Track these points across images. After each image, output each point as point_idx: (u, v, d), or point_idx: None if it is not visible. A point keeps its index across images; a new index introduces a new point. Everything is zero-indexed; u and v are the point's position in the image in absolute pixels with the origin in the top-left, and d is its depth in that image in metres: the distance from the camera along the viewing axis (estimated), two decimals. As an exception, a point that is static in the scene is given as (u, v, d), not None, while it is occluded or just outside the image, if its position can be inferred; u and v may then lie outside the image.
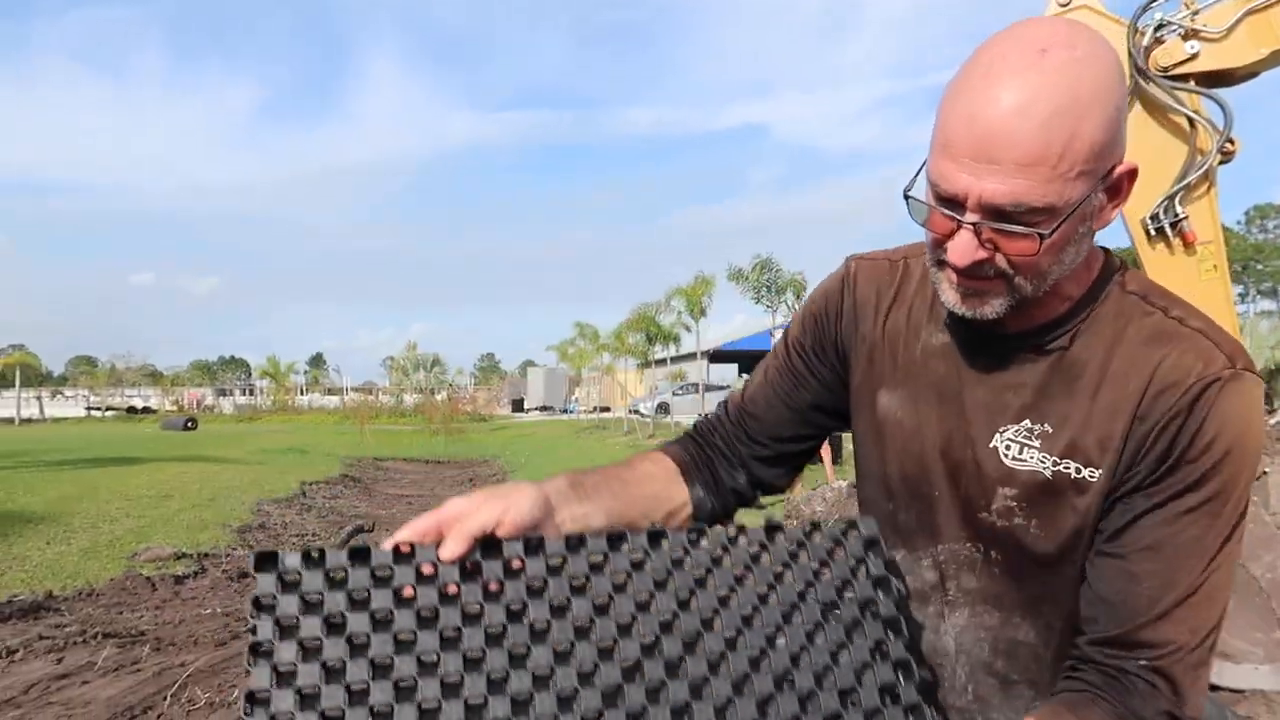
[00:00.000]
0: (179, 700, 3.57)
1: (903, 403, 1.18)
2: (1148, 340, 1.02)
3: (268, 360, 54.39)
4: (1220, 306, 3.56)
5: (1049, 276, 0.99)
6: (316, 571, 0.92)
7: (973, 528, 1.12)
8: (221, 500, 10.12)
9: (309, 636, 0.88)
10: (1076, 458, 1.03)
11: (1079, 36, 0.91)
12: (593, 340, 30.35)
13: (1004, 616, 1.13)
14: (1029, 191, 0.90)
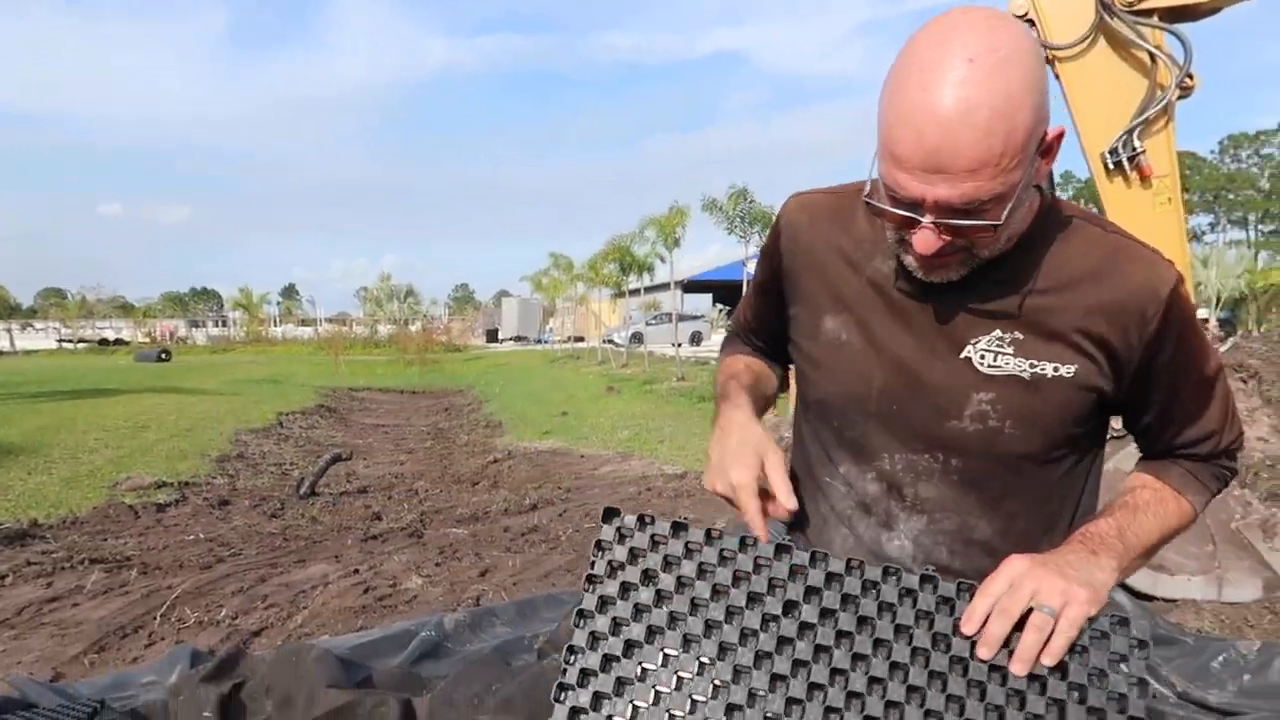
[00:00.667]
0: (168, 620, 3.70)
1: (848, 326, 1.28)
2: (1105, 257, 1.18)
3: (240, 291, 53.82)
4: (1172, 238, 3.69)
5: (1003, 239, 1.12)
6: (645, 532, 1.20)
7: (936, 438, 1.24)
8: (199, 430, 10.17)
9: (629, 580, 1.17)
10: (1050, 358, 1.18)
11: (999, 36, 1.00)
12: (567, 270, 30.22)
13: (961, 520, 1.26)
14: (979, 190, 1.02)
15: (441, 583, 4.24)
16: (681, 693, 1.09)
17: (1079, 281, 1.17)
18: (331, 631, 3.51)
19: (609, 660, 1.12)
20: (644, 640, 1.12)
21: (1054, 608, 1.03)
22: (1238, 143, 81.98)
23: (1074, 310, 1.17)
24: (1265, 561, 3.59)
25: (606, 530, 1.20)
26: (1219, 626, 3.35)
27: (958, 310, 1.20)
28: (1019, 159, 1.01)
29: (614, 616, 1.14)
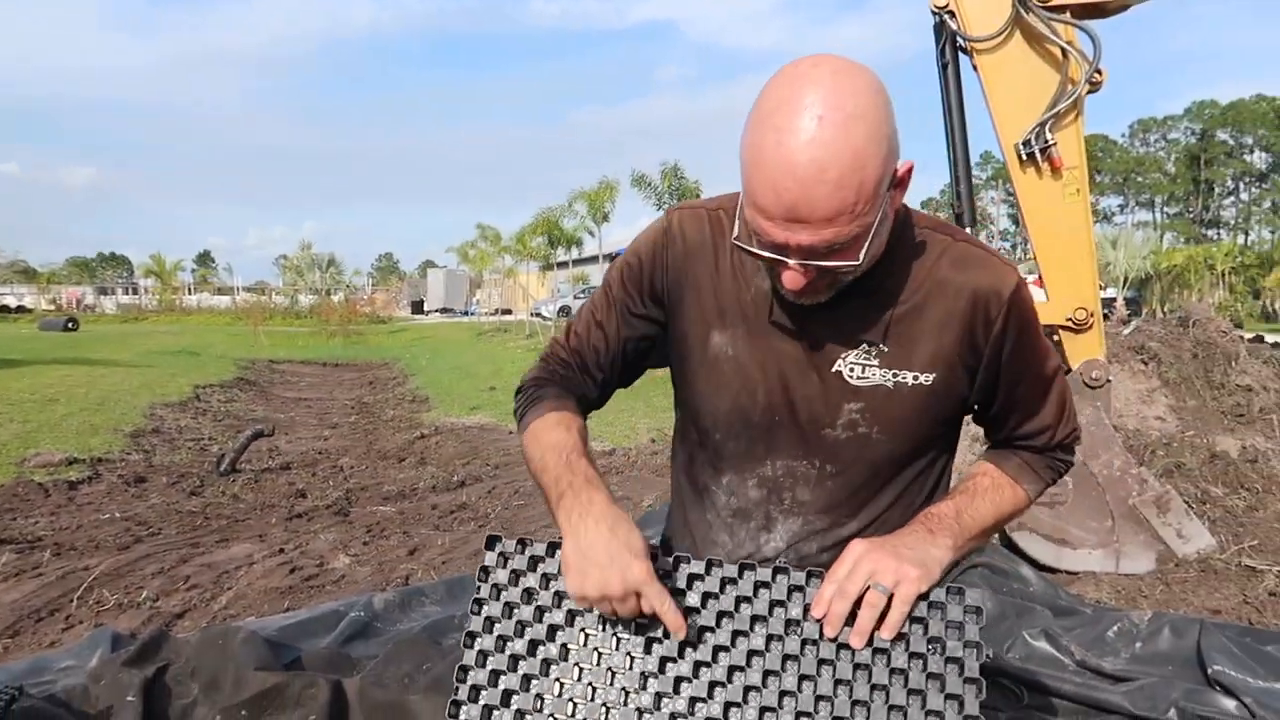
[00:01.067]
0: (86, 602, 3.62)
1: (735, 341, 1.35)
2: (952, 266, 1.29)
3: (152, 258, 51.96)
4: (1080, 226, 3.86)
5: (865, 265, 1.20)
6: (525, 554, 1.29)
7: (813, 445, 1.33)
8: (111, 404, 9.85)
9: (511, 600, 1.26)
10: (912, 368, 1.28)
11: (845, 93, 1.06)
12: (494, 243, 29.95)
13: (833, 519, 1.37)
14: (837, 235, 1.10)
15: (369, 562, 4.23)
16: (562, 698, 1.19)
17: (932, 291, 1.28)
18: (258, 613, 3.48)
19: (496, 675, 1.21)
20: (526, 653, 1.22)
21: (888, 586, 1.13)
22: (1146, 127, 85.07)
23: (929, 320, 1.28)
24: (1159, 536, 3.81)
25: (489, 556, 1.29)
26: (1116, 597, 3.55)
27: (830, 327, 1.30)
28: (871, 204, 1.10)
29: (500, 635, 1.24)
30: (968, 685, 1.12)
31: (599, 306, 1.46)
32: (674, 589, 1.21)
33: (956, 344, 1.28)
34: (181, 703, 2.53)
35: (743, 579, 1.22)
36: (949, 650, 1.14)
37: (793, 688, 1.15)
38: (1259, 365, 6.28)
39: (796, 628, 1.18)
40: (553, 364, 1.48)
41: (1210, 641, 2.66)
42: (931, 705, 1.11)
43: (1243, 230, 79.90)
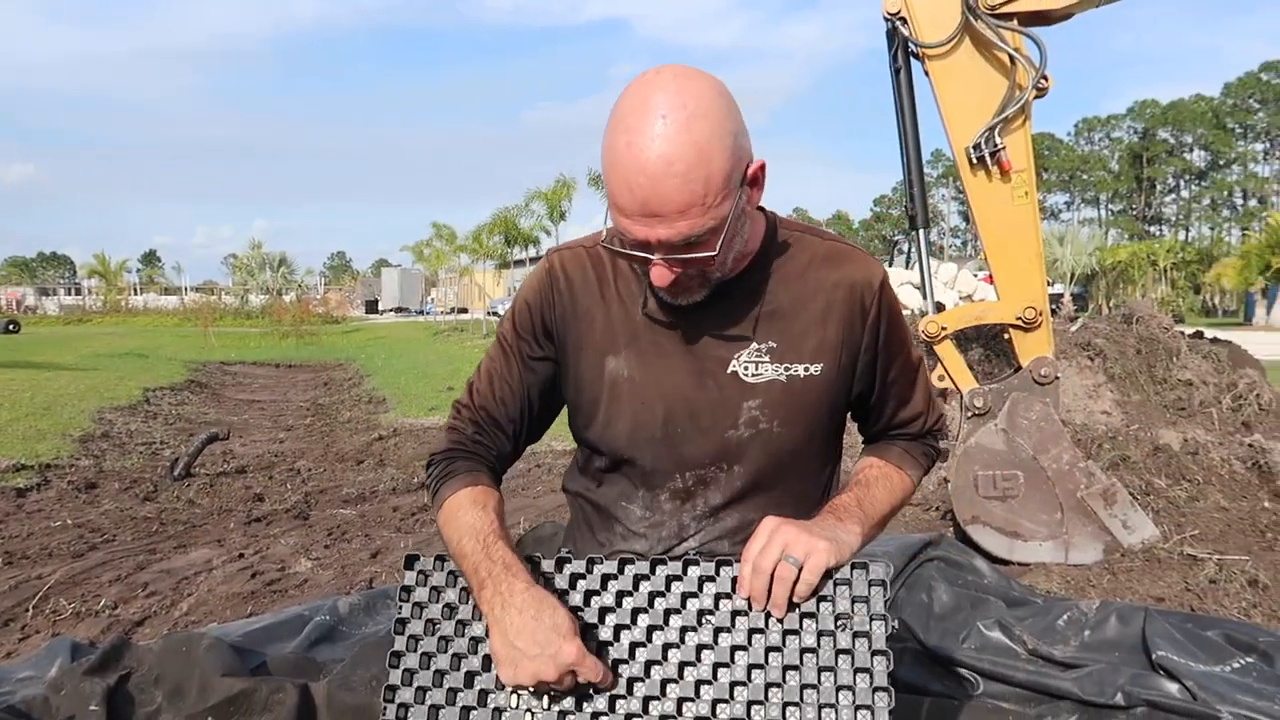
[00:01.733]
0: (42, 611, 3.57)
1: (630, 363, 1.39)
2: (824, 263, 1.39)
3: (96, 257, 50.79)
4: (1028, 227, 3.98)
5: (731, 260, 1.29)
6: (443, 570, 1.31)
7: (719, 448, 1.39)
8: (58, 409, 9.64)
9: (433, 616, 1.28)
10: (801, 360, 1.37)
11: (688, 94, 1.15)
12: (450, 241, 29.75)
13: (741, 516, 1.42)
14: (691, 227, 1.18)
15: (332, 566, 4.22)
16: (487, 708, 1.21)
17: (810, 287, 1.38)
18: (220, 619, 3.46)
19: (423, 692, 1.24)
20: (450, 667, 1.24)
21: (799, 558, 1.18)
22: (1091, 126, 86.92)
23: (811, 313, 1.37)
24: (1106, 527, 3.94)
25: (409, 575, 1.31)
26: (1065, 587, 3.67)
27: (720, 331, 1.36)
28: (721, 195, 1.17)
29: (424, 652, 1.26)
30: (876, 657, 1.16)
31: (497, 360, 1.47)
32: (588, 590, 1.26)
33: (838, 334, 1.37)
34: (145, 710, 2.51)
35: (655, 574, 1.26)
36: (856, 625, 1.18)
37: (708, 676, 1.19)
38: (1199, 360, 6.49)
39: (709, 617, 1.22)
40: (461, 431, 1.46)
41: (1154, 628, 2.77)
42: (842, 681, 1.16)
43: (1183, 227, 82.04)
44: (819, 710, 1.15)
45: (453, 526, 1.31)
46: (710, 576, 1.24)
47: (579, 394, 1.44)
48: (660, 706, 1.18)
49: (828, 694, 1.15)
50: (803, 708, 1.15)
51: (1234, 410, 6.04)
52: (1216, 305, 43.46)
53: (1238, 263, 34.68)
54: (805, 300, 1.37)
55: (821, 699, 1.15)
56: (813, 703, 1.15)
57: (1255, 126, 77.99)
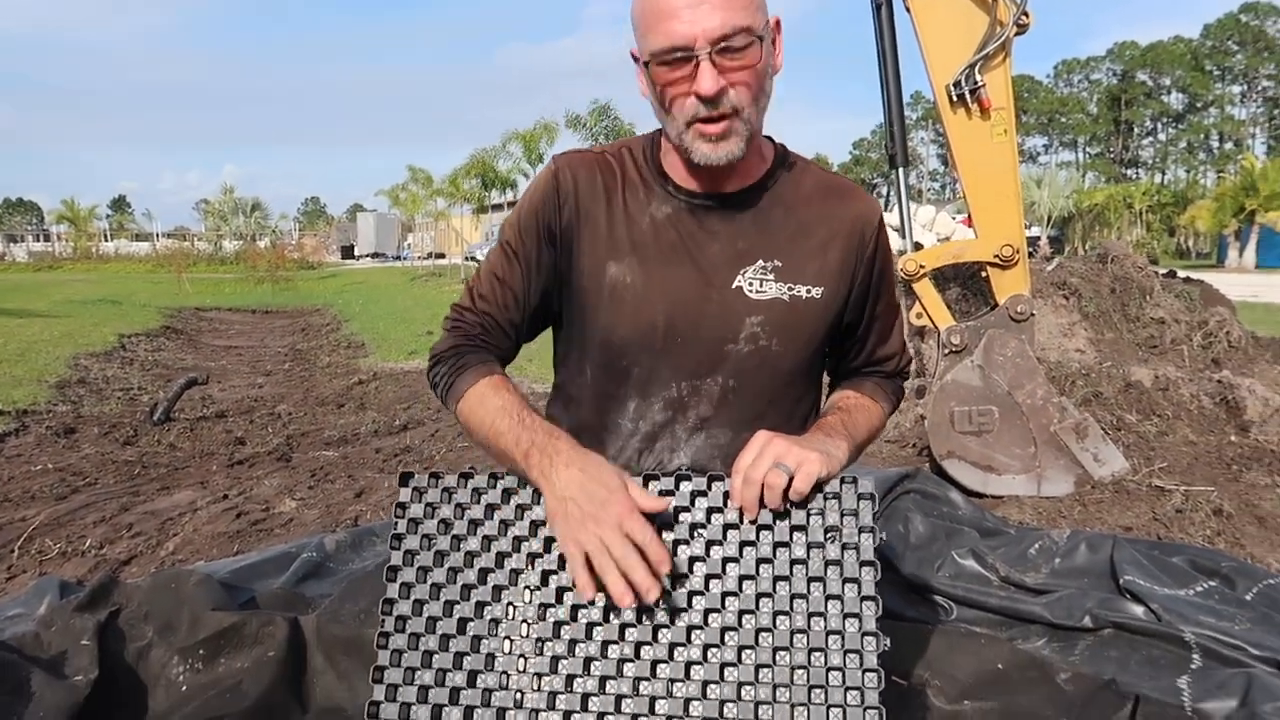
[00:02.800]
0: (27, 552, 3.58)
1: (632, 269, 1.40)
2: (828, 194, 1.44)
3: (64, 203, 49.77)
4: (1007, 166, 3.99)
5: (760, 104, 1.30)
6: (438, 487, 1.33)
7: (717, 361, 1.41)
8: (32, 355, 9.55)
9: (429, 531, 1.30)
10: (804, 282, 1.40)
11: None
12: (426, 185, 29.37)
13: (734, 432, 1.44)
14: (736, 16, 1.21)
15: (317, 505, 4.24)
16: (484, 619, 1.25)
17: (816, 213, 1.42)
18: (207, 557, 3.49)
19: (420, 604, 1.27)
20: (446, 580, 1.28)
21: (790, 466, 1.21)
22: (1070, 68, 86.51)
23: (816, 238, 1.41)
24: (1078, 461, 4.03)
25: (404, 493, 1.34)
26: (1037, 518, 3.76)
27: (727, 246, 1.39)
28: (759, 3, 1.25)
29: (420, 566, 1.29)
30: (864, 568, 1.20)
31: (498, 264, 1.47)
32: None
33: (839, 263, 1.42)
34: (137, 645, 2.54)
35: (648, 489, 1.27)
36: (845, 537, 1.22)
37: (700, 587, 1.22)
38: (1171, 299, 6.58)
39: (701, 531, 1.25)
40: (464, 329, 1.47)
41: (1122, 555, 2.86)
42: (831, 590, 1.20)
43: (1160, 170, 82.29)
44: (808, 619, 1.19)
45: (483, 411, 1.34)
46: (702, 491, 1.27)
47: (579, 297, 1.44)
48: (654, 618, 1.21)
49: (817, 603, 1.19)
50: (792, 616, 1.19)
51: (1204, 348, 6.15)
52: (1191, 248, 43.80)
53: (1211, 205, 34.85)
54: (812, 226, 1.42)
55: (811, 608, 1.19)
56: (802, 611, 1.19)
57: (1233, 69, 77.93)
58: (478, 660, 1.23)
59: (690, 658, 1.19)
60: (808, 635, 1.18)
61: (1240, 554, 3.32)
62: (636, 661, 1.20)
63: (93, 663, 2.41)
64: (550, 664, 1.21)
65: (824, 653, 1.17)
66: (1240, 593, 2.70)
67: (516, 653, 1.23)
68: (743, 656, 1.18)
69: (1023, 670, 2.23)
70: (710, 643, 1.19)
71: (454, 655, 1.24)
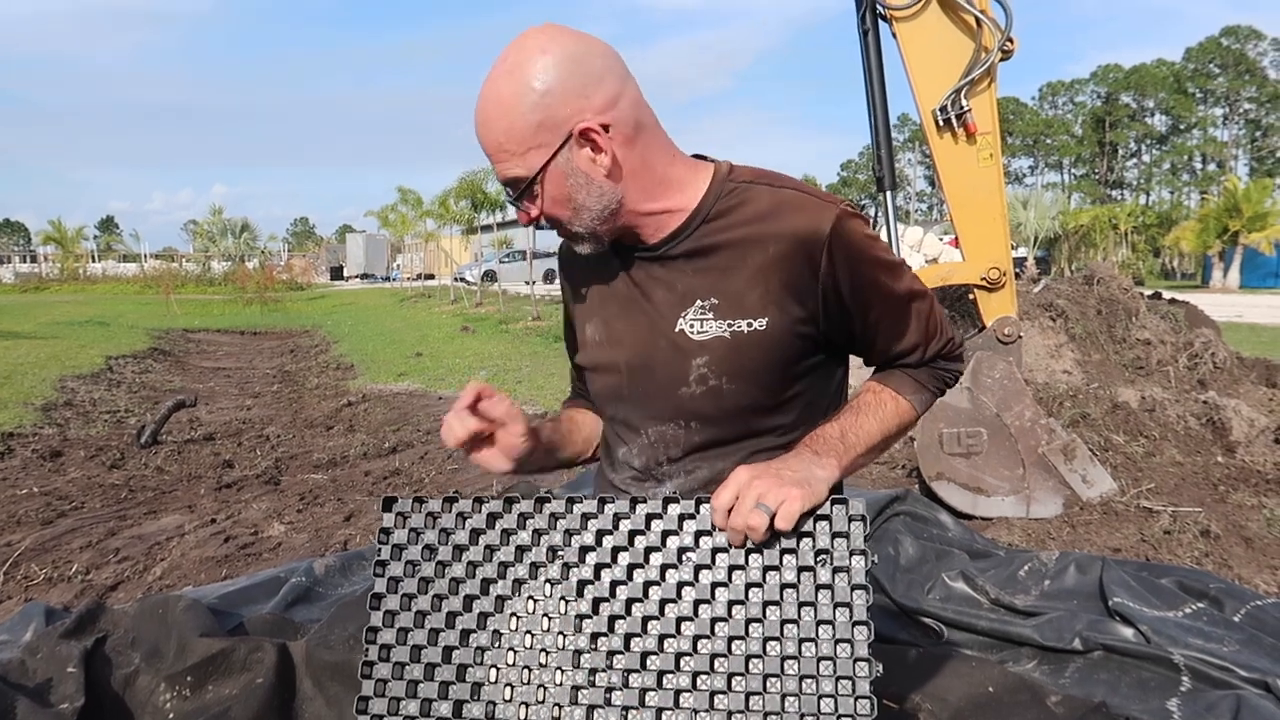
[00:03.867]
0: (13, 578, 3.55)
1: (598, 327, 1.52)
2: (770, 213, 1.37)
3: (52, 224, 49.53)
4: (993, 189, 4.03)
5: (582, 217, 1.36)
6: (422, 511, 1.33)
7: (674, 406, 1.44)
8: (19, 377, 9.49)
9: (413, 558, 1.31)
10: (744, 315, 1.37)
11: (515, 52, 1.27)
12: (416, 206, 29.39)
13: (711, 466, 1.46)
14: (506, 169, 1.32)
15: (305, 529, 4.23)
16: (469, 647, 1.25)
17: (752, 240, 1.36)
18: (195, 582, 3.47)
19: (405, 632, 1.26)
20: (430, 608, 1.27)
21: (771, 506, 1.19)
22: (1055, 90, 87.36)
23: (751, 268, 1.36)
24: (1066, 482, 4.05)
25: (387, 518, 1.33)
26: (1027, 540, 3.78)
27: (669, 291, 1.41)
28: (526, 149, 1.28)
29: (405, 593, 1.29)
30: (856, 591, 1.18)
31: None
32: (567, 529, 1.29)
33: (783, 287, 1.35)
34: (124, 672, 2.52)
35: (635, 512, 1.27)
36: (836, 560, 1.20)
37: (689, 613, 1.21)
38: (1157, 320, 6.64)
39: (690, 554, 1.24)
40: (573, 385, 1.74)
41: (1111, 576, 2.87)
42: (823, 616, 1.18)
43: (1144, 191, 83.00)
44: (799, 644, 1.17)
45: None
46: (690, 514, 1.26)
47: (576, 356, 1.60)
48: (642, 643, 1.20)
49: (808, 628, 1.17)
50: (783, 642, 1.17)
51: (1190, 369, 6.20)
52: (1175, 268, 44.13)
53: (1196, 226, 35.14)
54: (745, 254, 1.36)
55: (802, 633, 1.17)
56: (793, 637, 1.17)
57: (1215, 91, 78.83)
58: (463, 690, 1.22)
59: (679, 685, 1.18)
60: (799, 662, 1.17)
61: (1228, 575, 3.34)
62: (624, 690, 1.19)
63: (79, 690, 2.38)
64: (537, 692, 1.20)
65: (815, 679, 1.16)
66: (1229, 614, 2.71)
67: (503, 681, 1.22)
68: (732, 684, 1.17)
69: (1014, 693, 2.23)
70: (699, 669, 1.18)
71: (439, 685, 1.23)
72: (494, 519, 1.31)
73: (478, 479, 5.23)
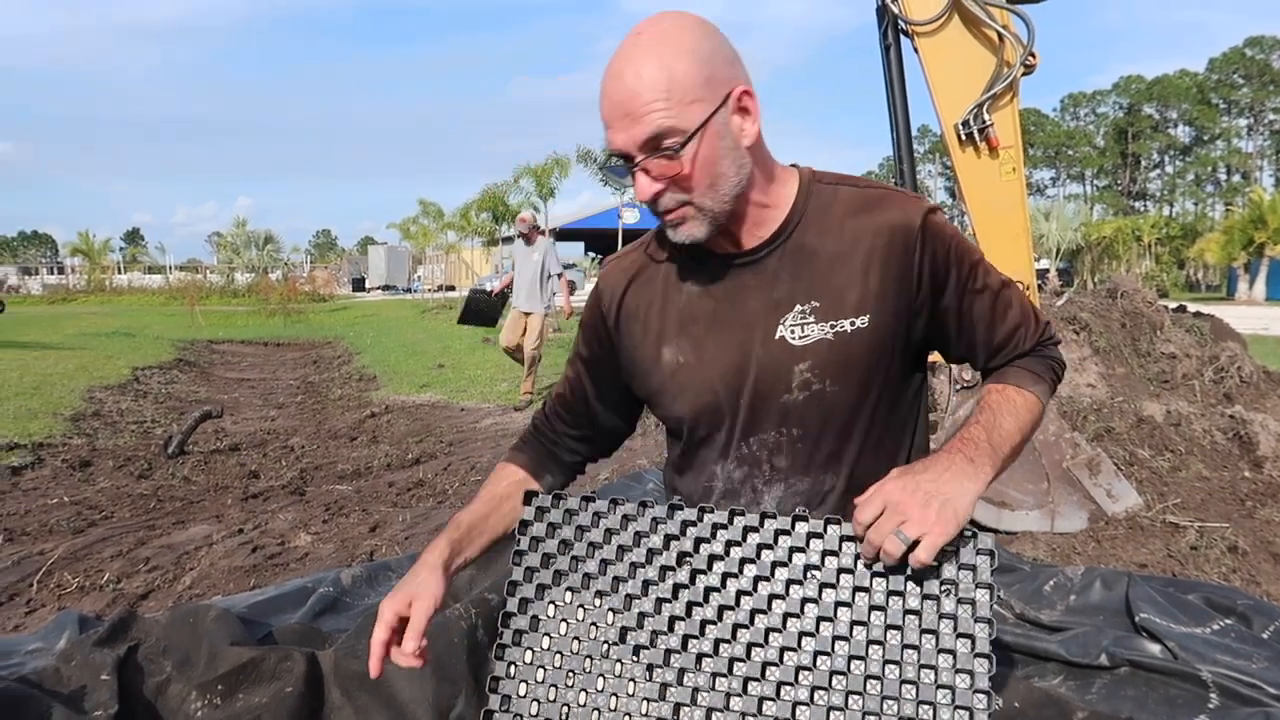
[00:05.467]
0: (46, 586, 3.61)
1: (683, 349, 1.47)
2: (859, 211, 1.40)
3: (79, 236, 50.29)
4: (1016, 203, 4.03)
5: (719, 188, 1.33)
6: (560, 507, 1.39)
7: (776, 414, 1.43)
8: (47, 388, 9.62)
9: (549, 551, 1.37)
10: (845, 315, 1.38)
11: (668, 20, 1.28)
12: (437, 218, 29.63)
13: (813, 479, 1.45)
14: (660, 121, 1.25)
15: (331, 540, 4.27)
16: (595, 639, 1.30)
17: (848, 239, 1.38)
18: (223, 592, 3.51)
19: (537, 621, 1.33)
20: (561, 600, 1.33)
21: (910, 536, 1.18)
22: (1077, 101, 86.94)
23: (851, 266, 1.37)
24: (1091, 496, 4.03)
25: (527, 511, 1.40)
26: (1051, 554, 3.76)
27: (764, 298, 1.40)
28: (689, 99, 1.25)
29: (539, 583, 1.35)
30: (979, 624, 1.18)
31: (572, 365, 1.64)
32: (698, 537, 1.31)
33: (882, 282, 1.36)
34: (156, 680, 2.56)
35: (763, 527, 1.29)
36: (961, 591, 1.20)
37: (811, 629, 1.23)
38: (1182, 334, 6.59)
39: (815, 571, 1.26)
40: (534, 424, 1.70)
41: (1137, 592, 2.85)
42: (944, 645, 1.18)
43: (1168, 202, 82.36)
44: (919, 670, 1.18)
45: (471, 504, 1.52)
46: (818, 533, 1.27)
47: (643, 386, 1.54)
48: (763, 654, 1.23)
49: (929, 655, 1.19)
50: (903, 666, 1.19)
51: (1216, 383, 6.14)
52: (1200, 280, 43.79)
53: (1220, 238, 34.87)
54: (843, 253, 1.37)
55: (922, 660, 1.19)
56: (913, 662, 1.19)
57: (1239, 102, 78.21)
58: (589, 680, 1.28)
59: (797, 697, 1.20)
60: (918, 687, 1.18)
61: (1256, 591, 3.31)
62: (744, 697, 1.22)
63: (112, 697, 2.42)
64: (659, 690, 1.25)
65: (934, 706, 1.17)
66: (1257, 631, 2.69)
67: (626, 676, 1.27)
68: (850, 702, 1.19)
69: (1039, 709, 2.22)
70: (818, 685, 1.20)
71: (566, 673, 1.29)
72: (628, 520, 1.35)
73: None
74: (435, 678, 2.39)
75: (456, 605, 2.61)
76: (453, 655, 2.43)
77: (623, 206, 18.75)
